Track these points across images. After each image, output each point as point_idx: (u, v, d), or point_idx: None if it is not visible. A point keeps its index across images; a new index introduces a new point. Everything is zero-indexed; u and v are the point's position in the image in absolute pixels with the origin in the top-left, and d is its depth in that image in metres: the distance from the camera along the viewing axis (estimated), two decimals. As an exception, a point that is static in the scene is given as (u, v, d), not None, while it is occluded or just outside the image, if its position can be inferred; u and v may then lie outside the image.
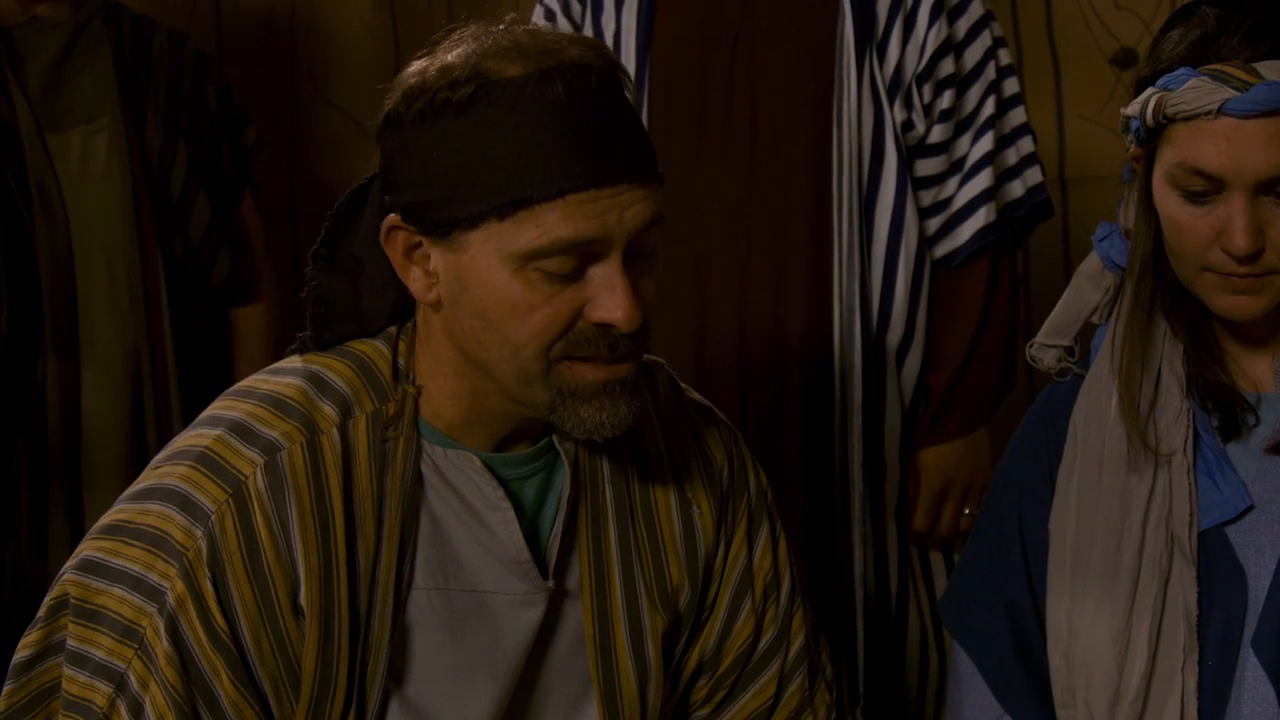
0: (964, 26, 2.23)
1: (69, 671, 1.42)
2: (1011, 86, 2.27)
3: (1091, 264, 1.68)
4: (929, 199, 2.24)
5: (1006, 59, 2.27)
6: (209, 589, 1.38)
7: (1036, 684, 1.65)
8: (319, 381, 1.46)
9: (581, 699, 1.54)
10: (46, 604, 1.44)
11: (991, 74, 2.24)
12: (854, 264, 2.17)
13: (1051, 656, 1.63)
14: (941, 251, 2.24)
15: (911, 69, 2.19)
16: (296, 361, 1.49)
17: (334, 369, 1.46)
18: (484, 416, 1.47)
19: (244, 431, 1.43)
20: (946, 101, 2.21)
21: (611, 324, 1.38)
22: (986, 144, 2.23)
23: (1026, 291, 2.79)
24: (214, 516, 1.40)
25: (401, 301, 1.49)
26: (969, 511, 2.26)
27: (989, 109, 2.23)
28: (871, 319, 2.20)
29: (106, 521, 1.44)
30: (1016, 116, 2.27)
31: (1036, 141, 2.29)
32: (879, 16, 2.19)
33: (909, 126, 2.20)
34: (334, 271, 1.50)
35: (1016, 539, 1.68)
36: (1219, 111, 1.46)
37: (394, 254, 1.43)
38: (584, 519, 1.53)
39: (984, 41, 2.24)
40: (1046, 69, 2.85)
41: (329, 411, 1.44)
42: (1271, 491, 1.56)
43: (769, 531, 1.66)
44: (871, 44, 2.18)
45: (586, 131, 1.35)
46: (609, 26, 2.25)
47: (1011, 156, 2.26)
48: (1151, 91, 1.51)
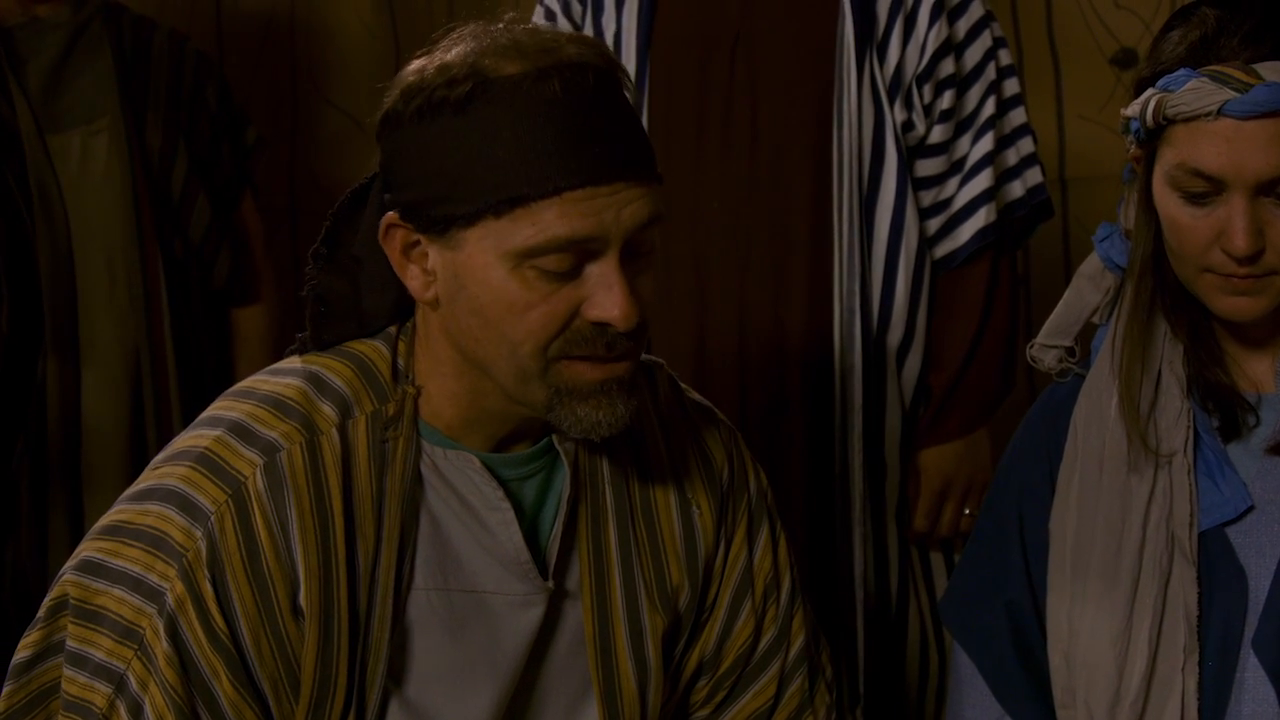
0: (964, 27, 2.23)
1: (69, 672, 1.42)
2: (1012, 87, 2.27)
3: (1092, 264, 1.68)
4: (929, 199, 2.24)
5: (1007, 59, 2.26)
6: (208, 590, 1.38)
7: (1036, 684, 1.65)
8: (318, 382, 1.45)
9: (581, 699, 1.54)
10: (46, 604, 1.44)
11: (992, 74, 2.24)
12: (854, 264, 2.17)
13: (1052, 657, 1.63)
14: (942, 252, 2.24)
15: (912, 69, 2.19)
16: (296, 362, 1.49)
17: (333, 369, 1.46)
18: (483, 416, 1.46)
19: (243, 432, 1.43)
20: (947, 102, 2.21)
21: (608, 322, 1.37)
22: (987, 144, 2.22)
23: (1026, 292, 2.79)
24: (213, 517, 1.39)
25: (401, 301, 1.49)
26: (969, 512, 2.26)
27: (989, 109, 2.23)
28: (872, 319, 2.19)
29: (106, 522, 1.44)
30: (1017, 117, 2.27)
31: (1036, 142, 2.29)
32: (879, 17, 2.19)
33: (909, 127, 2.20)
34: (334, 271, 1.50)
35: (1017, 539, 1.67)
36: (1219, 113, 1.46)
37: (392, 252, 1.43)
38: (584, 519, 1.53)
39: (984, 42, 2.24)
40: (1046, 69, 2.85)
41: (328, 412, 1.44)
42: (1272, 492, 1.56)
43: (769, 532, 1.65)
44: (872, 44, 2.18)
45: (584, 130, 1.35)
46: (609, 27, 2.25)
47: (1011, 157, 2.26)
48: (1151, 92, 1.50)
